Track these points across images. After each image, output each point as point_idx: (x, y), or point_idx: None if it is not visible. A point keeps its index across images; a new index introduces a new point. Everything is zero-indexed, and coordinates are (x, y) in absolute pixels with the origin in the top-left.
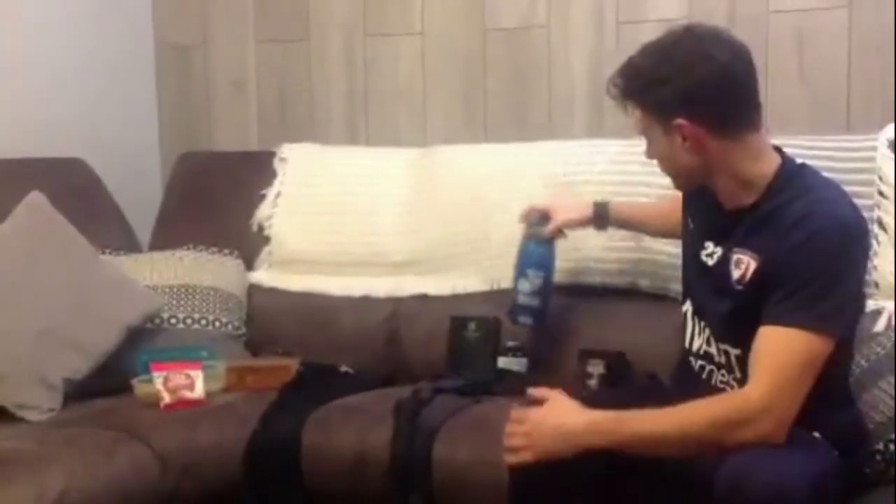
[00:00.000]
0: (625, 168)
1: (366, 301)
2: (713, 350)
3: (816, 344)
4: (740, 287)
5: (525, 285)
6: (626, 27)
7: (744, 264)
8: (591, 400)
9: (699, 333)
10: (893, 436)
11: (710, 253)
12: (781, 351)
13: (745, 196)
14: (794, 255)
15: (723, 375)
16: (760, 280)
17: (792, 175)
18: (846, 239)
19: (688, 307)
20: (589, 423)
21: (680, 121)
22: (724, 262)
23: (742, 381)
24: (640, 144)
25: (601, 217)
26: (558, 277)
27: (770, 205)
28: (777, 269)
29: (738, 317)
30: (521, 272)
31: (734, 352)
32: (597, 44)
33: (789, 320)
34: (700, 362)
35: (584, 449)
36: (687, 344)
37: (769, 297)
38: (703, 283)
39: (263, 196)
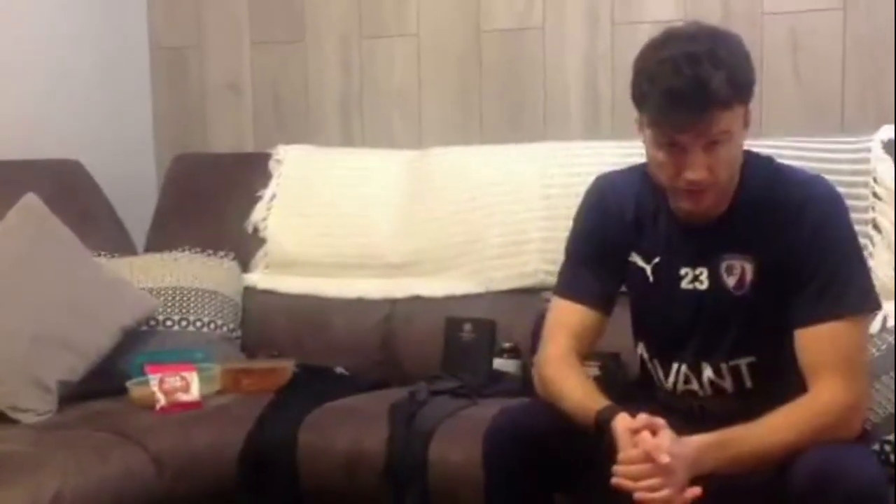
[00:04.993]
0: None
1: (361, 303)
2: (694, 386)
3: (867, 322)
4: (741, 293)
5: None
6: (620, 28)
7: (737, 269)
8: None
9: (669, 374)
10: (891, 437)
11: (696, 276)
12: (844, 344)
13: (722, 202)
14: (813, 244)
15: (713, 403)
16: (769, 279)
17: (751, 162)
18: (845, 210)
19: (642, 350)
20: (704, 445)
21: (751, 105)
22: (715, 276)
23: (753, 393)
24: (636, 145)
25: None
26: (553, 280)
27: (747, 200)
28: (797, 264)
29: (748, 324)
30: None
31: (746, 361)
32: (592, 45)
33: (839, 311)
34: (679, 403)
35: (697, 473)
36: (660, 385)
37: (797, 295)
38: (694, 311)
39: (259, 198)
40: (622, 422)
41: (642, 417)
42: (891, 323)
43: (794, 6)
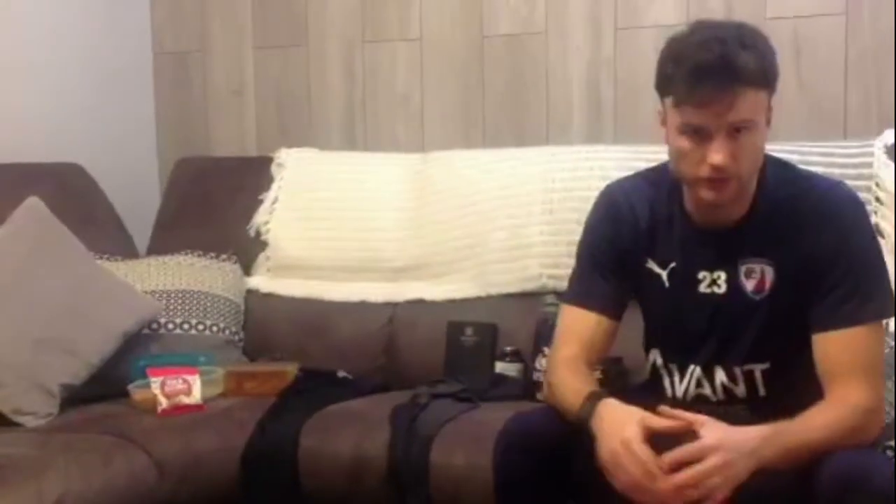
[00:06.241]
0: (622, 174)
1: (363, 306)
2: (706, 390)
3: (884, 326)
4: (759, 297)
5: None
6: (623, 33)
7: (756, 273)
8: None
9: (683, 380)
10: (891, 442)
11: (713, 280)
12: (868, 349)
13: (742, 204)
14: (840, 253)
15: (724, 409)
16: (789, 285)
17: (768, 166)
18: (867, 215)
19: (656, 357)
20: (764, 435)
21: (772, 102)
22: (734, 280)
23: (765, 401)
24: (639, 150)
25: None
26: (555, 283)
27: (767, 204)
28: (822, 270)
29: (765, 329)
30: None
31: (760, 367)
32: (595, 50)
33: (862, 318)
34: (690, 410)
35: (759, 465)
36: (670, 395)
37: (820, 301)
38: (711, 314)
39: (261, 201)
40: (609, 404)
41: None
42: (892, 328)
43: (796, 11)
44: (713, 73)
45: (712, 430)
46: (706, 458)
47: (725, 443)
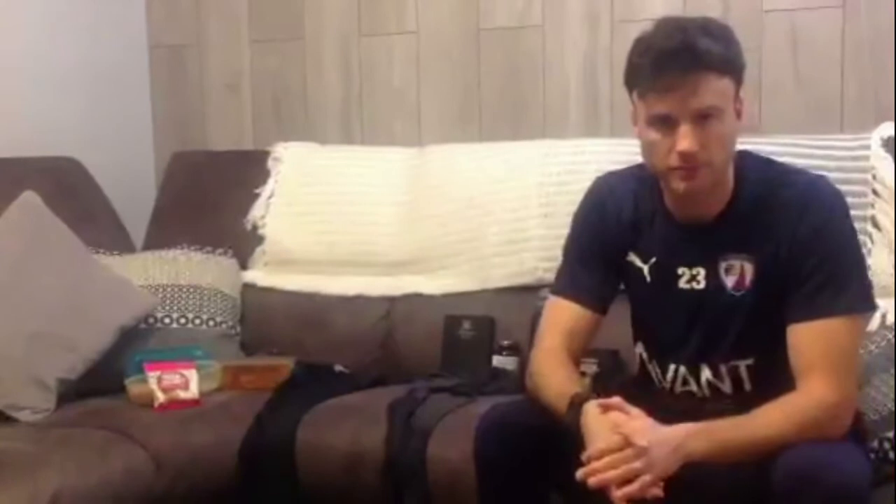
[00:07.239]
0: (618, 168)
1: (360, 300)
2: (692, 387)
3: (862, 323)
4: (739, 293)
5: None
6: (620, 26)
7: (736, 269)
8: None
9: (666, 375)
10: (891, 434)
11: (693, 276)
12: (836, 342)
13: (719, 199)
14: (814, 244)
15: (711, 405)
16: (769, 280)
17: (747, 163)
18: (846, 210)
19: (641, 350)
20: (691, 432)
21: (742, 94)
22: (713, 276)
23: (751, 395)
24: (635, 143)
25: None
26: (551, 277)
27: (746, 200)
28: (797, 263)
29: (747, 325)
30: None
31: (745, 363)
32: (592, 43)
33: (834, 310)
34: (677, 405)
35: (686, 459)
36: (659, 386)
37: (794, 292)
38: (692, 311)
39: (257, 195)
40: (595, 406)
41: (616, 399)
42: (890, 320)
43: (793, 4)
44: (675, 58)
45: (643, 432)
46: (628, 447)
47: (649, 437)
